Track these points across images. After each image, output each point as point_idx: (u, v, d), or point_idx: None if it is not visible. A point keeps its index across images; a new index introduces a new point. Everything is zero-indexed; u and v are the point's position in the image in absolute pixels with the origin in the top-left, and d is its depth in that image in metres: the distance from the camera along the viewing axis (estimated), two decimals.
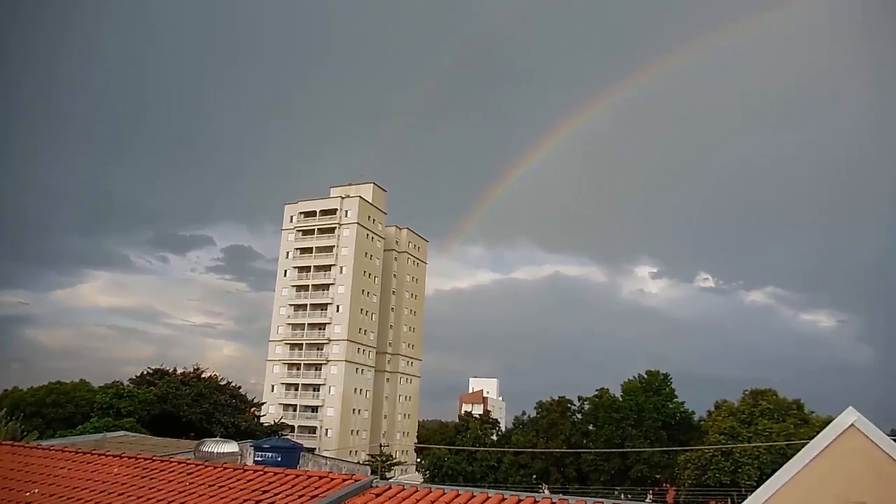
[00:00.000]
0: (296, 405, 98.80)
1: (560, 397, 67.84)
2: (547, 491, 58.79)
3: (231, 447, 15.99)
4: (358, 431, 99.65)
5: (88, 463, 12.45)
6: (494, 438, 69.82)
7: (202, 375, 57.94)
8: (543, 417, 66.19)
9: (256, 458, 16.92)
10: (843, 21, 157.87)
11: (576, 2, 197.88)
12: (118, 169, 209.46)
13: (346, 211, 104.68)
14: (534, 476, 62.25)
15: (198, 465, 11.69)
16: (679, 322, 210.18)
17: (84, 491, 10.64)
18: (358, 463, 58.89)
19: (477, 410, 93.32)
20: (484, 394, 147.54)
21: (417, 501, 9.17)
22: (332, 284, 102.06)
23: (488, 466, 62.79)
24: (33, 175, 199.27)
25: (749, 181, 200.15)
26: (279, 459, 15.62)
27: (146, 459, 12.37)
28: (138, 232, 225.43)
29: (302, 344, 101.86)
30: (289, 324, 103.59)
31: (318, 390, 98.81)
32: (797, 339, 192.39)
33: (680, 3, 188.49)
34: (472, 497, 9.32)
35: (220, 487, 10.23)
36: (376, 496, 9.41)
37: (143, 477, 11.16)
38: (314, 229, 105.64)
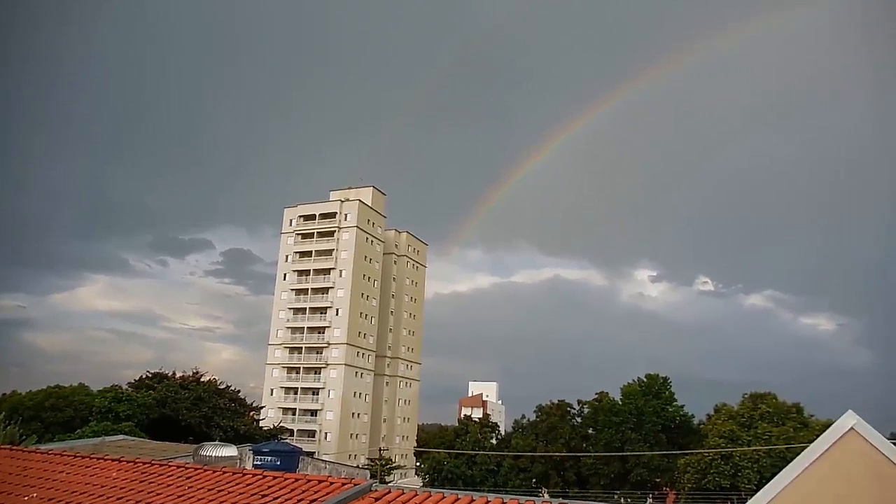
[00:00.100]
0: (295, 409, 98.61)
1: (560, 401, 67.87)
2: (546, 495, 58.67)
3: (230, 451, 15.98)
4: (357, 435, 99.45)
5: (87, 467, 12.44)
6: (494, 442, 69.79)
7: (201, 379, 57.92)
8: (543, 421, 66.18)
9: (255, 462, 16.88)
10: (843, 21, 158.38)
11: (576, 2, 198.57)
12: (118, 170, 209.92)
13: (346, 214, 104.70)
14: (533, 480, 62.19)
15: (197, 469, 11.68)
16: (678, 325, 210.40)
17: (83, 495, 10.63)
18: (357, 467, 58.79)
19: (476, 414, 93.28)
20: (483, 397, 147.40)
21: None
22: (332, 288, 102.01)
23: (488, 470, 62.72)
24: (32, 176, 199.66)
25: (749, 182, 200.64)
26: (278, 463, 15.59)
27: (145, 463, 12.36)
28: (137, 235, 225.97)
29: (301, 347, 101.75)
30: (288, 327, 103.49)
31: (318, 394, 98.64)
32: (796, 343, 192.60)
33: (680, 4, 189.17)
34: (472, 501, 9.32)
35: (219, 491, 10.22)
36: (376, 500, 9.40)
37: (142, 481, 11.16)
38: (313, 233, 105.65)
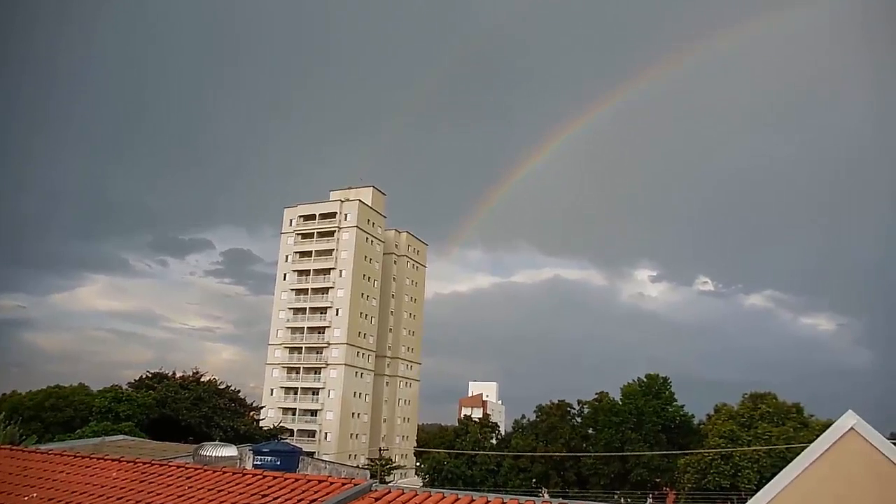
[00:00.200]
0: (295, 409, 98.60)
1: (560, 401, 67.85)
2: (546, 495, 58.66)
3: (230, 451, 15.97)
4: (357, 435, 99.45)
5: (87, 467, 12.44)
6: (494, 442, 69.77)
7: (201, 379, 57.91)
8: (543, 421, 66.16)
9: (255, 462, 16.88)
10: (843, 21, 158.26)
11: (576, 2, 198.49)
12: (118, 170, 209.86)
13: (346, 214, 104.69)
14: (533, 480, 62.17)
15: (197, 469, 11.68)
16: (678, 325, 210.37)
17: (83, 495, 10.63)
18: (357, 467, 58.78)
19: (476, 414, 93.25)
20: (483, 397, 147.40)
21: None
22: (332, 288, 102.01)
23: (488, 470, 62.70)
24: (33, 176, 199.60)
25: (749, 182, 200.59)
26: (278, 463, 15.58)
27: (145, 463, 12.36)
28: (137, 235, 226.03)
29: (301, 347, 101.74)
30: (288, 327, 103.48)
31: (318, 394, 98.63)
32: (796, 343, 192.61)
33: (680, 3, 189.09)
34: (472, 501, 9.32)
35: (219, 491, 10.22)
36: (376, 500, 9.40)
37: (142, 481, 11.16)
38: (313, 233, 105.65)
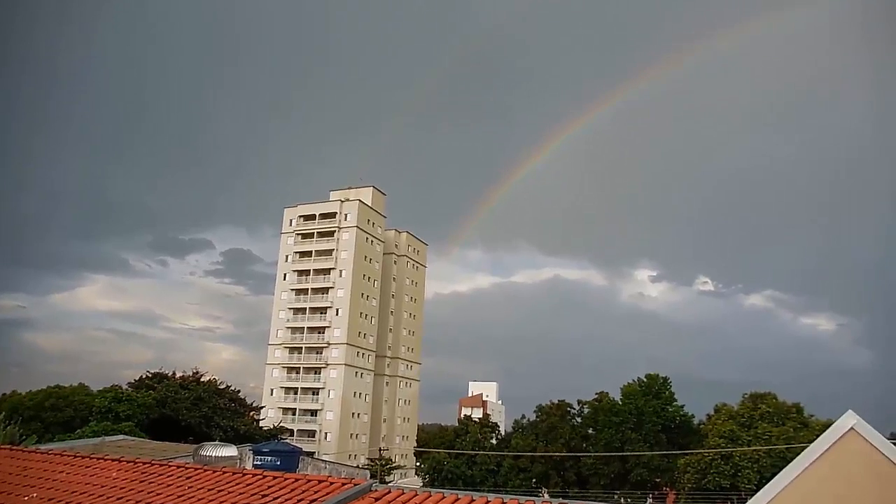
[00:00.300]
0: (295, 409, 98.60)
1: (560, 401, 67.83)
2: (546, 495, 58.67)
3: (230, 451, 15.97)
4: (357, 435, 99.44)
5: (87, 467, 12.44)
6: (494, 442, 69.75)
7: (201, 379, 57.90)
8: (543, 421, 66.14)
9: (255, 462, 16.88)
10: (843, 21, 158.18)
11: (576, 2, 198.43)
12: (118, 170, 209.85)
13: (346, 214, 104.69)
14: (533, 480, 62.15)
15: (197, 470, 11.67)
16: (678, 325, 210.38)
17: (83, 495, 10.63)
18: (357, 467, 58.78)
19: (476, 414, 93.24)
20: (483, 397, 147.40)
21: None
22: (332, 288, 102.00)
23: (488, 470, 62.69)
24: (33, 176, 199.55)
25: (749, 182, 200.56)
26: (278, 463, 15.58)
27: (145, 463, 12.36)
28: (138, 235, 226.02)
29: (301, 347, 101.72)
30: (288, 327, 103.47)
31: (318, 394, 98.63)
32: (797, 343, 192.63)
33: (680, 4, 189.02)
34: (472, 501, 9.31)
35: (219, 491, 10.21)
36: (376, 500, 9.39)
37: (142, 481, 11.15)
38: (313, 233, 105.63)
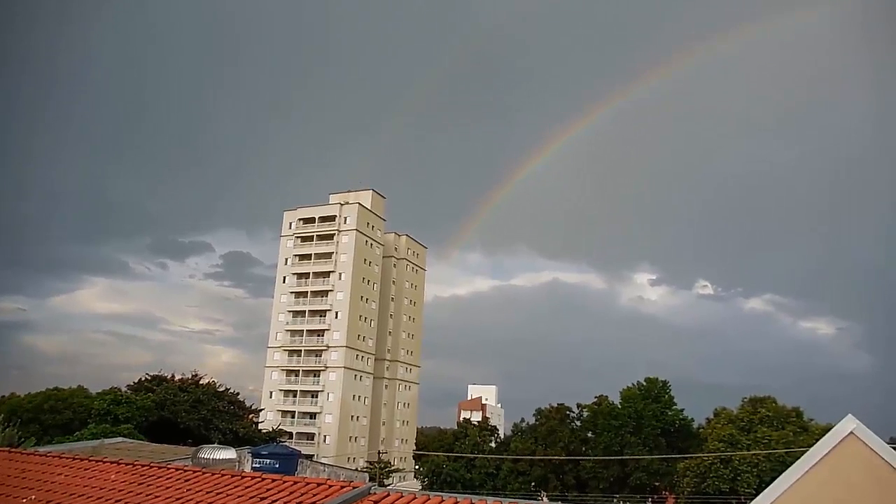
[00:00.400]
0: (294, 412, 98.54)
1: (559, 404, 67.64)
2: (545, 498, 58.59)
3: (229, 454, 15.96)
4: (356, 438, 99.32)
5: (86, 469, 12.41)
6: (493, 445, 69.58)
7: (200, 382, 57.82)
8: (542, 424, 65.98)
9: (254, 465, 16.87)
10: (844, 22, 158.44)
11: (576, 2, 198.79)
12: (118, 171, 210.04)
13: (345, 217, 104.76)
14: (532, 483, 61.98)
15: (195, 472, 11.65)
16: (678, 329, 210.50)
17: (81, 498, 10.61)
18: (356, 470, 58.71)
19: (475, 417, 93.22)
20: (483, 401, 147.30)
21: None
22: (331, 291, 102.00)
23: (487, 473, 62.57)
24: (32, 177, 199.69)
25: (749, 186, 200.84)
26: (277, 466, 15.59)
27: (144, 466, 12.34)
28: (137, 238, 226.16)
29: (300, 350, 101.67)
30: (287, 330, 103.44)
31: (317, 397, 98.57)
32: (796, 346, 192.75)
33: (680, 4, 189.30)
34: None
35: (218, 494, 10.20)
36: (374, 503, 9.38)
37: (141, 484, 11.14)
38: (313, 236, 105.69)
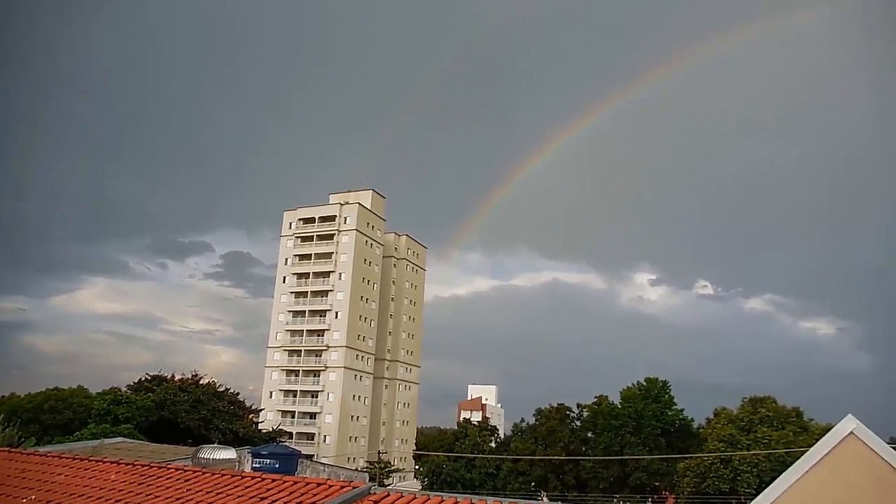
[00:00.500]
0: (294, 412, 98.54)
1: (559, 404, 67.63)
2: (545, 498, 58.59)
3: (229, 454, 15.96)
4: (356, 438, 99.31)
5: (86, 469, 12.41)
6: (493, 445, 69.59)
7: (200, 382, 57.82)
8: (542, 424, 65.97)
9: (254, 465, 16.87)
10: (844, 22, 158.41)
11: (576, 2, 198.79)
12: (118, 171, 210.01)
13: (345, 217, 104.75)
14: (532, 483, 61.98)
15: (195, 472, 11.65)
16: (678, 329, 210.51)
17: (81, 498, 10.61)
18: (356, 470, 58.71)
19: (475, 417, 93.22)
20: (483, 401, 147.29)
21: None
22: (331, 291, 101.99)
23: (487, 473, 62.56)
24: (32, 177, 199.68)
25: (749, 186, 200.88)
26: (277, 466, 15.59)
27: (144, 466, 12.34)
28: (137, 238, 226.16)
29: (300, 350, 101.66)
30: (287, 330, 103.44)
31: (317, 397, 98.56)
32: (796, 346, 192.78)
33: (680, 5, 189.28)
34: None
35: (218, 494, 10.19)
36: (374, 503, 9.38)
37: (141, 484, 11.13)
38: (313, 236, 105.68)
